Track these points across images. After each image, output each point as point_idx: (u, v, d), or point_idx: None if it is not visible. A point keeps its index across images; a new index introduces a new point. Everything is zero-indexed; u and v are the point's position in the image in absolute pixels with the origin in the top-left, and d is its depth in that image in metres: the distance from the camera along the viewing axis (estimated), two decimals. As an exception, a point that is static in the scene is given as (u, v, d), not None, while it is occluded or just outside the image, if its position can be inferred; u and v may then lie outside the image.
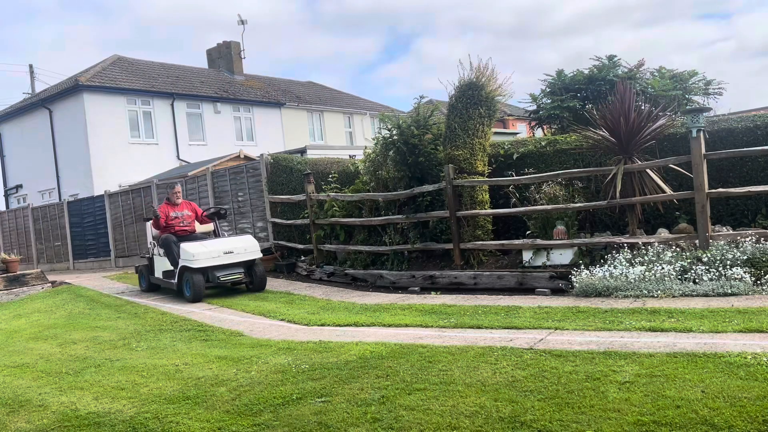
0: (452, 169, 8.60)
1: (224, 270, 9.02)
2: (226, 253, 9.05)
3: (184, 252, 8.94)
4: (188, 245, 9.04)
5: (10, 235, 21.02)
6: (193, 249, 8.91)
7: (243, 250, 9.17)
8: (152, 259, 10.25)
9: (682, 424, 3.09)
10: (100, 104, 21.11)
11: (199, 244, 9.07)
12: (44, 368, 5.99)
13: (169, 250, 9.39)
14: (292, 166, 12.29)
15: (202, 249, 8.91)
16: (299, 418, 3.79)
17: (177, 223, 9.75)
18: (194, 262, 8.80)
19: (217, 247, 9.07)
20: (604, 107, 7.80)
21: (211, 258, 8.90)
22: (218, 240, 9.41)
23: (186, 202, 10.26)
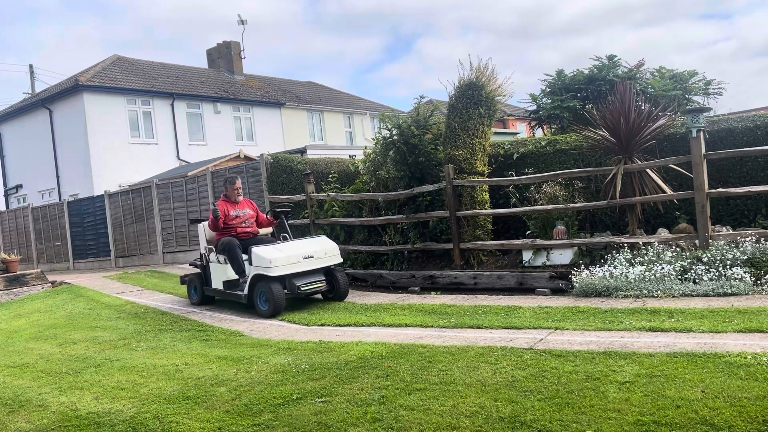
0: (452, 169, 8.60)
1: (304, 278, 7.54)
2: (306, 258, 7.56)
3: (258, 257, 7.41)
4: (262, 249, 7.49)
5: (10, 235, 21.03)
6: (269, 254, 7.39)
7: (323, 253, 7.75)
8: (207, 267, 8.57)
9: (682, 424, 3.09)
10: (100, 104, 21.12)
11: (273, 248, 7.55)
12: (44, 368, 5.99)
13: (234, 256, 7.84)
14: (292, 166, 12.29)
15: (280, 254, 7.41)
16: (299, 418, 3.79)
17: (238, 223, 8.23)
18: (271, 269, 7.30)
19: (296, 250, 7.57)
20: (604, 107, 7.81)
21: (291, 264, 7.39)
22: (294, 243, 7.84)
23: (246, 200, 8.64)
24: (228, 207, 8.25)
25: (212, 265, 8.48)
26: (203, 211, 14.56)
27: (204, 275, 8.66)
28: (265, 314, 7.37)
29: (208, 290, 8.60)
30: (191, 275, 9.14)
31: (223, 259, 8.12)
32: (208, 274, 8.58)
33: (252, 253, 7.53)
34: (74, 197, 19.82)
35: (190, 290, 9.04)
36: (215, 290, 8.45)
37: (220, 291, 8.33)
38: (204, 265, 8.64)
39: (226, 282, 8.20)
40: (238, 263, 7.83)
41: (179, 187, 15.34)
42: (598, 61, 10.44)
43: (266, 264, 7.33)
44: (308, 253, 7.61)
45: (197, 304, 8.76)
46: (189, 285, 9.11)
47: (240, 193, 8.42)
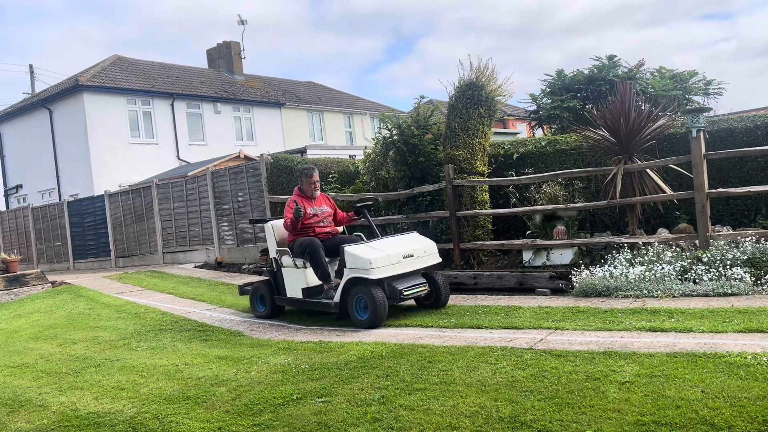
0: (452, 169, 8.60)
1: (405, 280, 6.46)
2: (407, 257, 6.50)
3: (354, 258, 6.33)
4: (357, 249, 6.44)
5: (10, 235, 21.03)
6: (367, 253, 6.34)
7: (423, 252, 6.72)
8: (278, 273, 7.34)
9: (682, 424, 3.09)
10: (100, 104, 21.12)
11: (369, 247, 6.50)
12: (44, 368, 5.99)
13: (318, 259, 6.75)
14: (292, 166, 12.29)
15: (379, 253, 6.35)
16: (299, 418, 3.79)
17: (315, 222, 7.13)
18: (371, 271, 6.20)
19: (395, 249, 6.51)
20: (604, 107, 7.81)
21: (391, 265, 6.33)
22: (388, 240, 6.79)
23: (323, 195, 7.51)
24: (304, 203, 7.09)
25: (286, 271, 7.19)
26: (203, 211, 14.58)
27: (274, 283, 7.39)
28: (363, 324, 6.27)
29: (280, 300, 7.35)
30: (256, 284, 7.78)
31: (301, 263, 6.96)
32: (279, 282, 7.32)
33: (345, 254, 6.40)
34: (74, 197, 19.82)
35: (254, 301, 7.65)
36: (291, 299, 7.20)
37: (299, 300, 7.09)
38: (274, 271, 7.38)
39: (307, 289, 7.01)
40: (323, 267, 6.76)
41: (179, 187, 15.35)
42: (598, 61, 10.44)
43: (365, 265, 6.22)
44: (408, 252, 6.57)
45: (266, 317, 7.41)
46: (253, 295, 7.68)
47: (317, 187, 7.27)
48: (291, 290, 7.18)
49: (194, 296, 9.80)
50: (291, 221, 6.91)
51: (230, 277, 11.86)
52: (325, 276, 6.79)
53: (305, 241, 6.91)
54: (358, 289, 6.35)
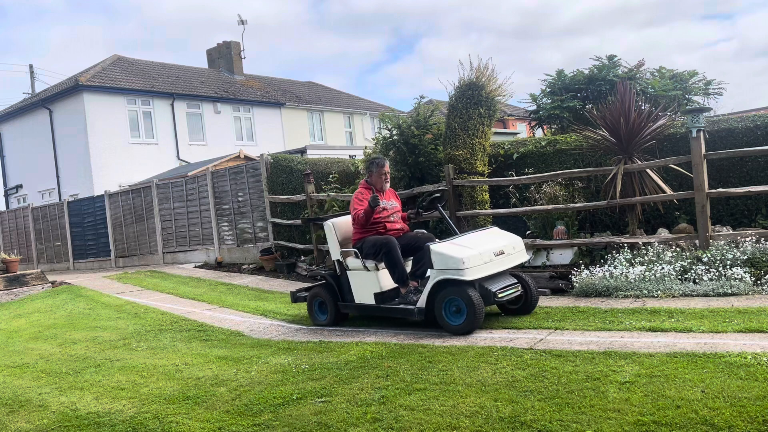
0: (452, 169, 8.60)
1: (496, 281, 5.77)
2: (498, 254, 5.80)
3: (443, 257, 5.60)
4: (445, 247, 5.72)
5: (10, 235, 21.03)
6: (457, 252, 5.61)
7: (512, 249, 6.03)
8: (342, 277, 6.53)
9: (682, 424, 3.09)
10: (100, 104, 21.12)
11: (455, 245, 5.78)
12: (44, 368, 5.99)
13: (395, 259, 6.00)
14: (292, 166, 12.29)
15: (470, 251, 5.63)
16: (299, 418, 3.79)
17: (385, 218, 6.35)
18: (465, 271, 5.48)
19: (485, 246, 5.81)
20: (604, 107, 7.81)
21: (484, 264, 5.63)
22: (472, 236, 6.08)
23: (390, 189, 6.73)
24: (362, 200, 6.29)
25: (354, 274, 6.39)
26: (203, 211, 14.58)
27: (338, 287, 6.58)
28: (456, 330, 5.52)
29: (345, 306, 6.53)
30: (314, 289, 6.89)
31: (373, 264, 6.17)
32: (344, 287, 6.53)
33: (432, 253, 5.69)
34: (74, 197, 19.82)
35: (313, 309, 6.82)
36: (360, 306, 6.39)
37: (370, 307, 6.28)
38: (337, 275, 6.57)
39: (380, 294, 6.21)
40: (401, 269, 6.05)
41: (179, 187, 15.35)
42: (598, 61, 10.45)
43: (457, 266, 5.51)
44: (499, 249, 5.86)
45: (329, 325, 6.59)
46: (311, 302, 6.85)
47: (388, 179, 6.52)
48: (360, 296, 6.37)
49: (194, 296, 9.80)
50: (365, 213, 6.07)
51: (230, 277, 11.87)
52: (402, 279, 6.04)
53: (380, 240, 6.10)
54: (447, 291, 5.62)
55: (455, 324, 5.58)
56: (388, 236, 6.17)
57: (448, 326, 5.63)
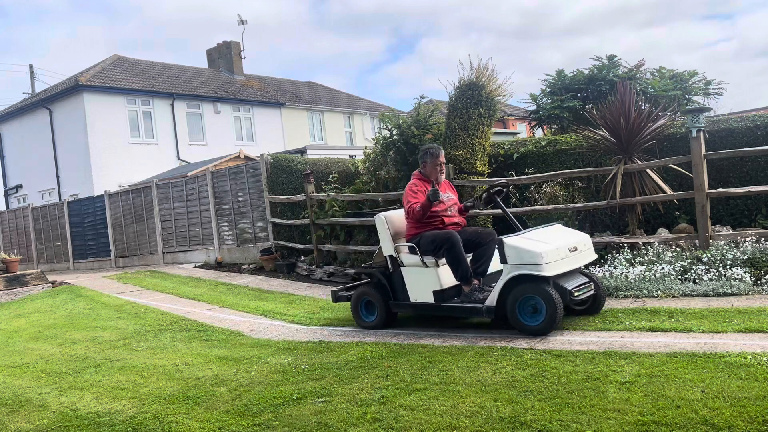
0: (452, 169, 8.60)
1: (570, 279, 5.41)
2: (572, 250, 5.48)
3: (519, 251, 5.23)
4: (521, 241, 5.37)
5: (10, 235, 21.03)
6: (534, 246, 5.27)
7: (583, 246, 5.68)
8: (394, 274, 6.13)
9: (682, 424, 3.09)
10: (100, 104, 21.12)
11: (528, 239, 5.43)
12: (44, 368, 5.99)
13: (459, 255, 5.62)
14: (292, 166, 12.29)
15: (546, 246, 5.29)
16: (299, 418, 3.79)
17: (442, 211, 5.93)
18: (543, 266, 5.12)
19: (558, 241, 5.47)
20: (604, 107, 7.81)
21: (561, 260, 5.29)
22: (540, 231, 5.71)
23: (446, 180, 6.35)
24: (425, 189, 5.90)
25: (410, 271, 5.99)
26: (203, 211, 14.58)
27: (389, 286, 6.17)
28: (533, 331, 5.15)
29: (397, 306, 6.12)
30: (361, 288, 6.43)
31: (432, 261, 5.78)
32: (396, 284, 6.13)
33: (507, 247, 5.28)
34: (74, 197, 19.83)
35: (358, 309, 6.39)
36: (417, 305, 5.96)
37: (429, 306, 5.85)
38: (389, 272, 6.16)
39: (440, 292, 5.79)
40: (465, 265, 5.68)
41: (179, 187, 15.35)
42: (598, 61, 10.45)
43: (534, 260, 5.15)
44: (572, 245, 5.52)
45: (377, 327, 6.17)
46: (356, 302, 6.41)
47: (443, 170, 6.11)
48: (416, 294, 5.94)
49: (194, 296, 9.80)
50: (422, 207, 5.67)
51: (230, 277, 11.87)
52: (466, 276, 5.67)
53: (440, 236, 5.71)
54: (523, 289, 5.23)
55: (532, 324, 5.18)
56: (449, 231, 5.76)
57: (522, 326, 5.23)
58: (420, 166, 6.15)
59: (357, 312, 6.41)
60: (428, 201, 5.64)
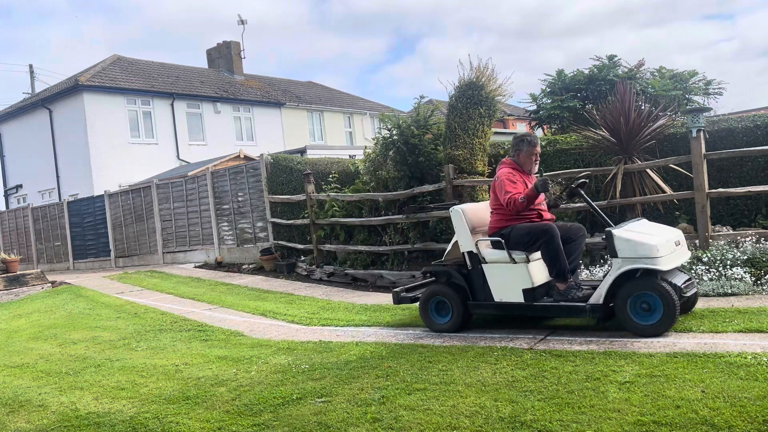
0: (452, 169, 8.60)
1: (676, 276, 5.03)
2: (677, 245, 5.11)
3: (631, 244, 4.80)
4: (631, 233, 4.94)
5: (10, 235, 21.03)
6: (646, 238, 4.86)
7: (682, 240, 5.31)
8: (473, 272, 5.61)
9: (682, 424, 3.09)
10: (99, 104, 21.12)
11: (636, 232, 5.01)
12: (44, 368, 5.99)
13: (557, 250, 5.17)
14: (292, 166, 12.29)
15: (657, 238, 4.89)
16: (299, 418, 3.79)
17: (539, 204, 5.54)
18: (659, 260, 4.72)
19: (664, 234, 5.08)
20: (604, 107, 7.81)
21: (671, 254, 4.93)
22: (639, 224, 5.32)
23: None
24: (524, 179, 5.51)
25: (494, 268, 5.49)
26: (203, 211, 14.58)
27: (468, 285, 5.65)
28: (648, 331, 4.72)
29: (478, 306, 5.61)
30: (433, 286, 5.86)
31: (523, 256, 5.30)
32: (476, 283, 5.61)
33: (616, 239, 4.87)
34: (74, 197, 19.82)
35: (428, 310, 5.82)
36: (502, 305, 5.47)
37: (517, 305, 5.37)
38: (467, 270, 5.64)
39: (531, 291, 5.30)
40: (563, 261, 5.21)
41: (179, 187, 15.35)
42: (599, 61, 10.45)
43: (650, 253, 4.72)
44: (675, 239, 5.13)
45: (452, 330, 5.64)
46: (426, 303, 5.84)
47: (538, 159, 5.68)
48: (501, 293, 5.45)
49: (194, 296, 9.80)
50: (527, 198, 5.19)
51: (230, 277, 11.87)
52: (563, 272, 5.20)
53: (537, 228, 5.25)
54: (635, 285, 4.81)
55: (646, 324, 4.75)
56: (547, 223, 5.32)
57: (635, 326, 4.79)
58: (512, 154, 5.64)
59: (427, 313, 5.84)
60: (536, 191, 5.16)
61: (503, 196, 5.32)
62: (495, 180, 5.50)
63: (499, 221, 5.52)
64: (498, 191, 5.42)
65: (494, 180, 5.52)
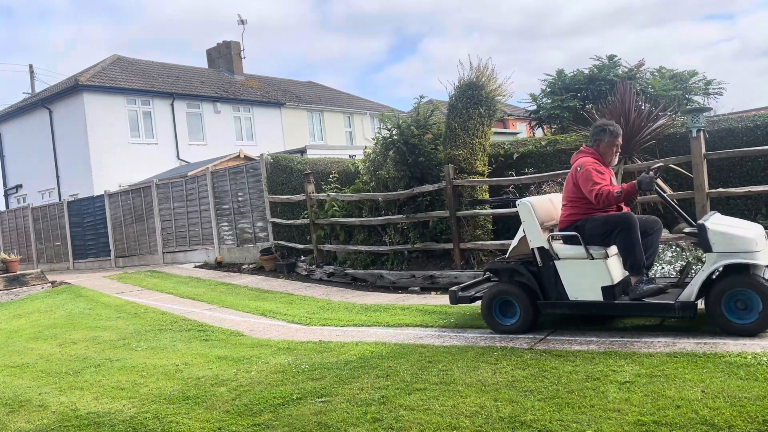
0: (452, 169, 8.60)
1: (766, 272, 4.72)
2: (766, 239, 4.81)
3: (728, 238, 4.56)
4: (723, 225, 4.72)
5: (10, 235, 21.03)
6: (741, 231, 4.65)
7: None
8: (544, 269, 5.24)
9: (682, 424, 3.09)
10: (99, 104, 21.12)
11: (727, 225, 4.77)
12: (44, 368, 5.98)
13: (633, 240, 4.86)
14: (292, 166, 12.29)
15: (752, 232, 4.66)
16: (299, 418, 3.79)
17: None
18: (757, 254, 4.50)
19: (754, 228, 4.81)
20: (604, 107, 7.82)
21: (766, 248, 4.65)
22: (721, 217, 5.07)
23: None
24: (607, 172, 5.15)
25: (567, 264, 5.13)
26: (203, 211, 14.57)
27: (539, 283, 5.28)
28: (746, 330, 4.47)
29: (551, 306, 5.23)
30: (497, 287, 5.49)
31: (601, 252, 4.97)
32: (546, 281, 5.24)
33: (710, 232, 4.59)
34: (74, 197, 19.82)
35: (492, 311, 5.46)
36: (578, 304, 5.09)
37: (595, 304, 5.00)
38: (537, 267, 5.28)
39: (610, 288, 4.94)
40: (639, 253, 4.89)
41: (179, 187, 15.35)
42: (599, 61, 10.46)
43: (748, 247, 4.49)
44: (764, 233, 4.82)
45: (519, 330, 5.27)
46: (490, 303, 5.47)
47: (619, 151, 5.32)
48: (577, 291, 5.09)
49: (194, 296, 9.80)
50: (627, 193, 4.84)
51: (230, 277, 11.87)
52: (639, 265, 4.90)
53: (614, 216, 4.94)
54: (731, 281, 4.55)
55: (743, 323, 4.48)
56: (625, 212, 5.01)
57: (730, 326, 4.53)
58: (591, 143, 5.25)
59: (490, 314, 5.47)
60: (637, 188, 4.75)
61: (590, 187, 4.90)
62: (577, 170, 5.03)
63: (572, 214, 5.14)
64: (582, 182, 4.97)
65: (575, 170, 5.06)
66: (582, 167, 5.02)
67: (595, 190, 4.88)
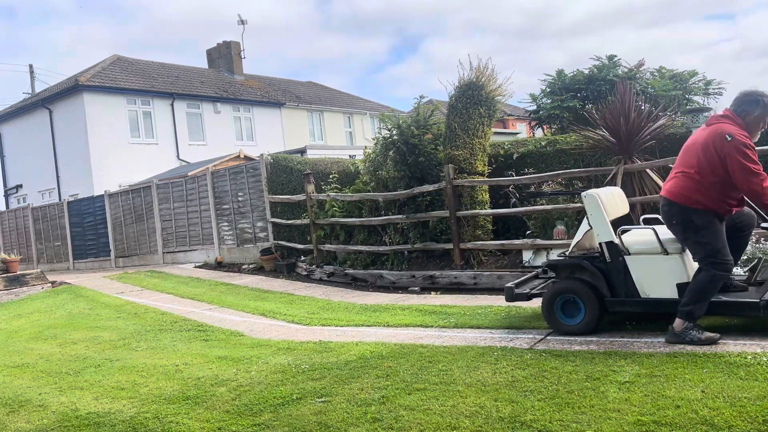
0: (452, 169, 8.60)
1: None
2: None
3: None
4: None
5: (10, 235, 21.03)
6: None
7: None
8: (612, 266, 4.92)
9: (682, 424, 3.09)
10: (99, 104, 21.12)
11: None
12: (44, 368, 5.98)
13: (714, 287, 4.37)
14: (292, 166, 12.29)
15: None
16: (299, 418, 3.79)
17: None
18: None
19: None
20: (604, 107, 7.81)
21: None
22: None
23: None
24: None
25: (637, 260, 4.81)
26: (203, 211, 14.57)
27: (607, 279, 4.95)
28: None
29: (620, 304, 4.92)
30: (561, 283, 5.18)
31: (677, 247, 4.62)
32: (614, 277, 4.92)
33: None
34: (74, 197, 19.82)
35: (554, 309, 5.13)
36: (649, 302, 4.79)
37: (669, 302, 4.65)
38: (605, 262, 4.95)
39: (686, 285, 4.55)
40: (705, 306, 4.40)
41: (179, 187, 15.35)
42: (599, 61, 10.46)
43: None
44: None
45: (584, 330, 4.96)
46: (553, 301, 5.14)
47: (765, 128, 4.48)
48: (649, 287, 4.78)
49: (194, 296, 9.80)
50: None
51: (230, 277, 11.87)
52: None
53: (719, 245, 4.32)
54: None
55: None
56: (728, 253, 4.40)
57: None
58: (738, 115, 4.36)
59: (552, 313, 5.14)
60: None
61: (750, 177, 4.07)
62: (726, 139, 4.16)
63: (694, 191, 4.33)
64: (735, 160, 4.11)
65: (723, 138, 4.18)
66: (733, 137, 4.13)
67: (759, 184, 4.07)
